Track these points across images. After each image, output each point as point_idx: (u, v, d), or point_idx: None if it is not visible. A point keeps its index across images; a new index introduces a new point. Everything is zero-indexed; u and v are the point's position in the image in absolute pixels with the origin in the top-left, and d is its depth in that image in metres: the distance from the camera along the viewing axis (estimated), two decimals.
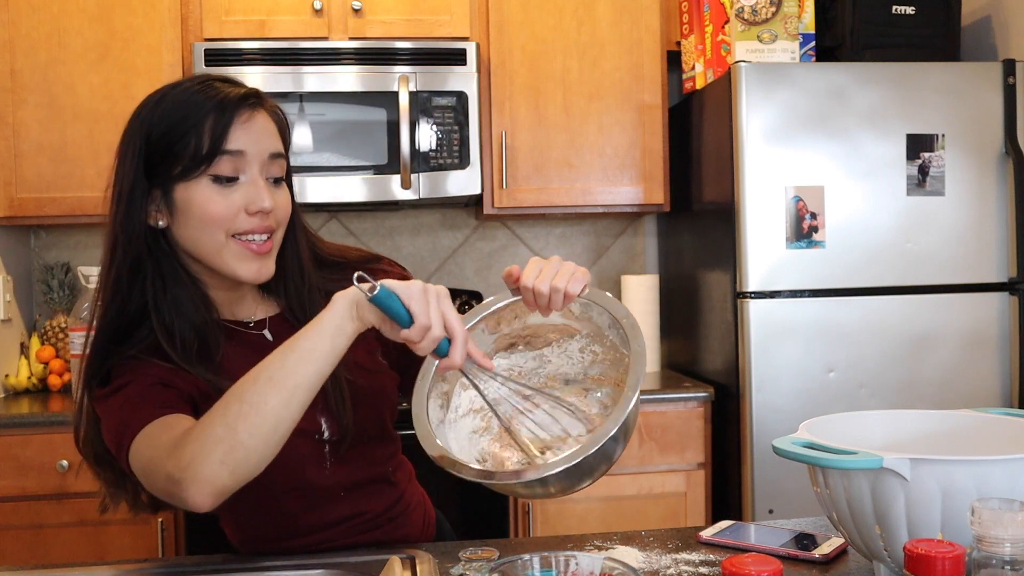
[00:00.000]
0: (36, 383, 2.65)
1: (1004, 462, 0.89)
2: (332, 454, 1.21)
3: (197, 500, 0.97)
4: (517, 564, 0.82)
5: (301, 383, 0.97)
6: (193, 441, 0.97)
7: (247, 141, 1.11)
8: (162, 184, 1.11)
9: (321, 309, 1.09)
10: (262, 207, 1.11)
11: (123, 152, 1.14)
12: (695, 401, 2.46)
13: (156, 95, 1.14)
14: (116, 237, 1.11)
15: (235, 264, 1.12)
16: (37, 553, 2.25)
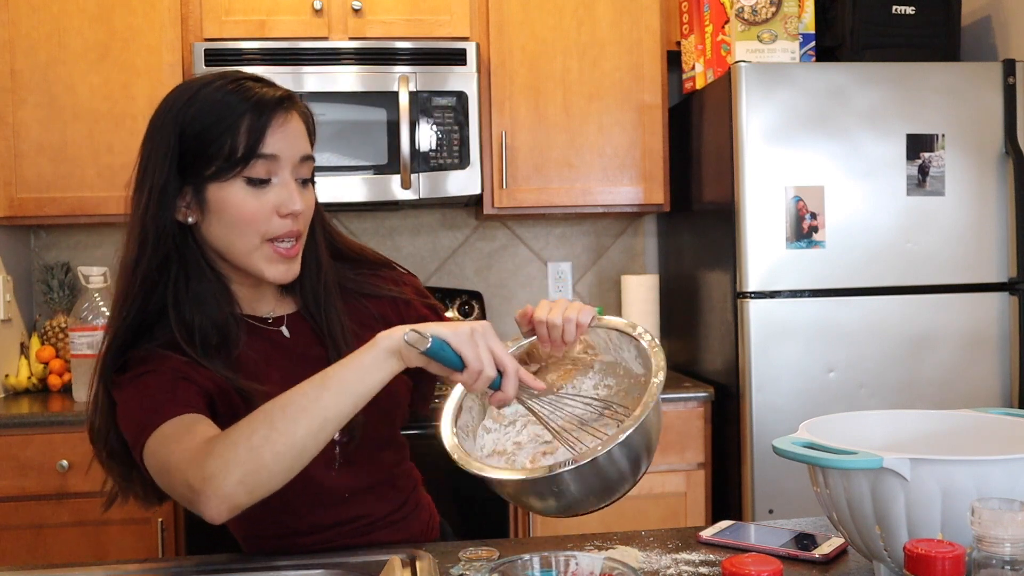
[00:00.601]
0: (36, 383, 2.65)
1: (1004, 462, 0.89)
2: (342, 457, 1.22)
3: (213, 514, 0.98)
4: (517, 564, 0.82)
5: (332, 417, 0.99)
6: (217, 457, 0.97)
7: (282, 145, 1.12)
8: (194, 182, 1.11)
9: (335, 307, 1.14)
10: (293, 209, 1.12)
11: (153, 148, 1.12)
12: (695, 401, 2.46)
13: (187, 92, 1.12)
14: (145, 232, 1.12)
15: (264, 266, 1.14)
16: (37, 553, 2.25)
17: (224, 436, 1.00)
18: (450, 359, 0.97)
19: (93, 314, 2.47)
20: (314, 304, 1.23)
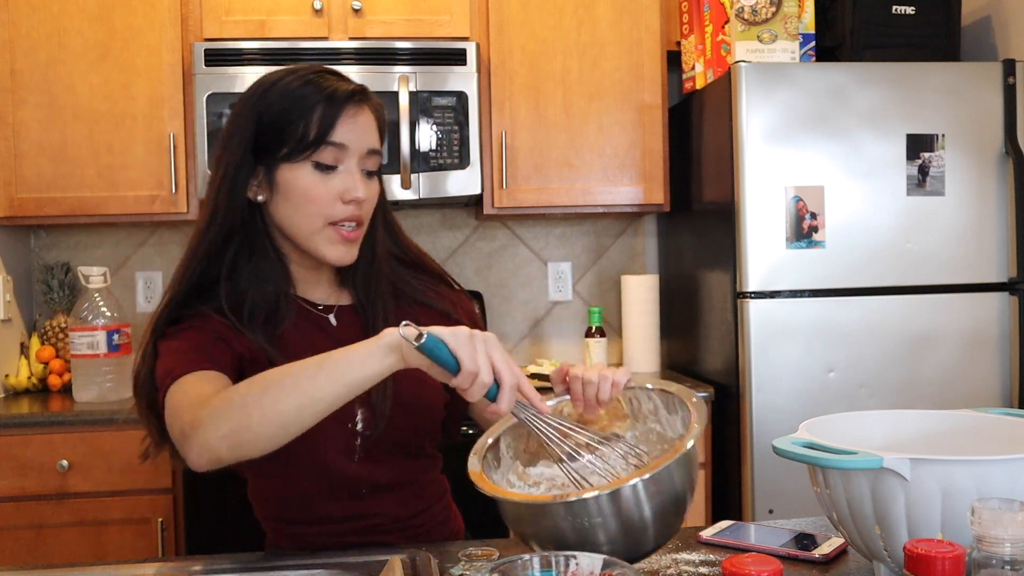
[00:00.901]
0: (36, 383, 2.65)
1: (1004, 462, 0.89)
2: (363, 449, 1.23)
3: (194, 460, 1.03)
4: (517, 564, 0.82)
5: (322, 398, 1.00)
6: (211, 409, 1.02)
7: (350, 136, 1.17)
8: (267, 163, 1.18)
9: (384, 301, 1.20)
10: (356, 196, 1.17)
11: (233, 130, 1.19)
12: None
13: (270, 80, 1.20)
14: (217, 205, 1.18)
15: (325, 246, 1.19)
16: (37, 553, 2.25)
17: (224, 392, 1.05)
18: (445, 359, 0.96)
19: (93, 314, 2.47)
20: (364, 295, 1.27)
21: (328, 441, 1.20)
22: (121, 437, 2.28)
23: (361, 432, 1.22)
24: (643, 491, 0.93)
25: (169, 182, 2.54)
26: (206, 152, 2.48)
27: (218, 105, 2.48)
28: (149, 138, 2.54)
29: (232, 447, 1.01)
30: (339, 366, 0.99)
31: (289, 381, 1.01)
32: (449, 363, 0.96)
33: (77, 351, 2.45)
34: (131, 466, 2.28)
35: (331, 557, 1.15)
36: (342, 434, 1.21)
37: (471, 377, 0.96)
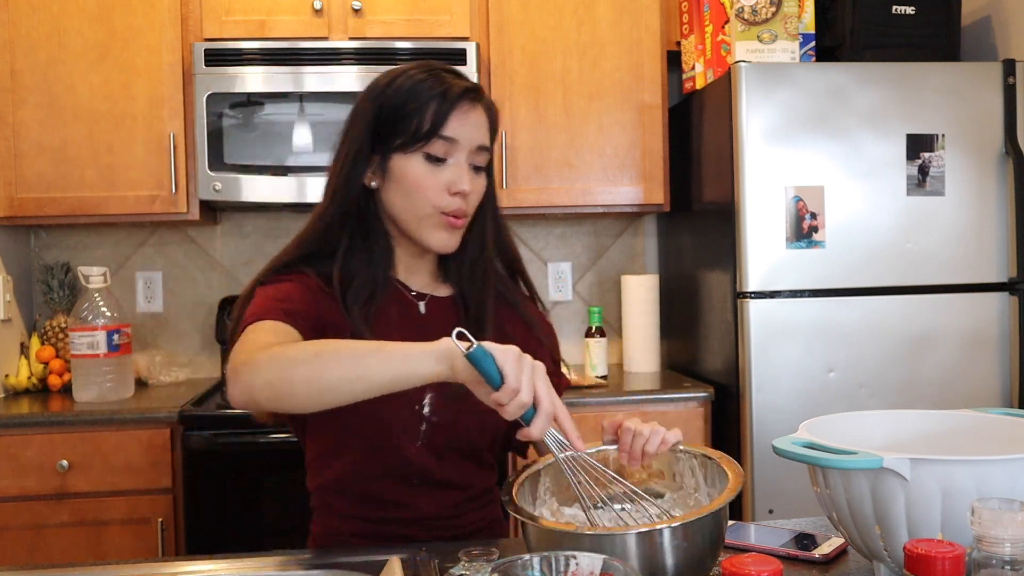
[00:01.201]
0: (36, 383, 2.65)
1: (1004, 462, 0.89)
2: (426, 436, 1.25)
3: (235, 397, 1.07)
4: (517, 564, 0.82)
5: (366, 378, 1.02)
6: (267, 355, 1.06)
7: (461, 131, 1.24)
8: (382, 152, 1.24)
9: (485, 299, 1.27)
10: (462, 188, 1.23)
11: (354, 118, 1.27)
12: (695, 401, 2.46)
13: (393, 73, 1.27)
14: (335, 190, 1.26)
15: (429, 232, 1.25)
16: (37, 553, 2.25)
17: (285, 345, 1.09)
18: (490, 372, 0.97)
19: (93, 314, 2.47)
20: (468, 286, 1.31)
21: (395, 419, 1.24)
22: (121, 437, 2.28)
23: (427, 417, 1.25)
24: (669, 538, 0.93)
25: (169, 182, 2.54)
26: (206, 152, 2.48)
27: (218, 105, 2.48)
28: (149, 138, 2.54)
29: (270, 397, 1.05)
30: (392, 358, 1.02)
31: (343, 355, 1.04)
32: (493, 376, 0.97)
33: (77, 351, 2.45)
34: (131, 466, 2.28)
35: (331, 557, 1.16)
36: (409, 415, 1.25)
37: (511, 394, 0.97)
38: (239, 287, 2.95)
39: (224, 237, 2.96)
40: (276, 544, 2.25)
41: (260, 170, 2.50)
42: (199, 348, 2.95)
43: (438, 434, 1.26)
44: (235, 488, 2.26)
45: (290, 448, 2.26)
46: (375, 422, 1.23)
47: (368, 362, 1.02)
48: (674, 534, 0.93)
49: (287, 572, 1.13)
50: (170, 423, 2.29)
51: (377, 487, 1.27)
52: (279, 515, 2.26)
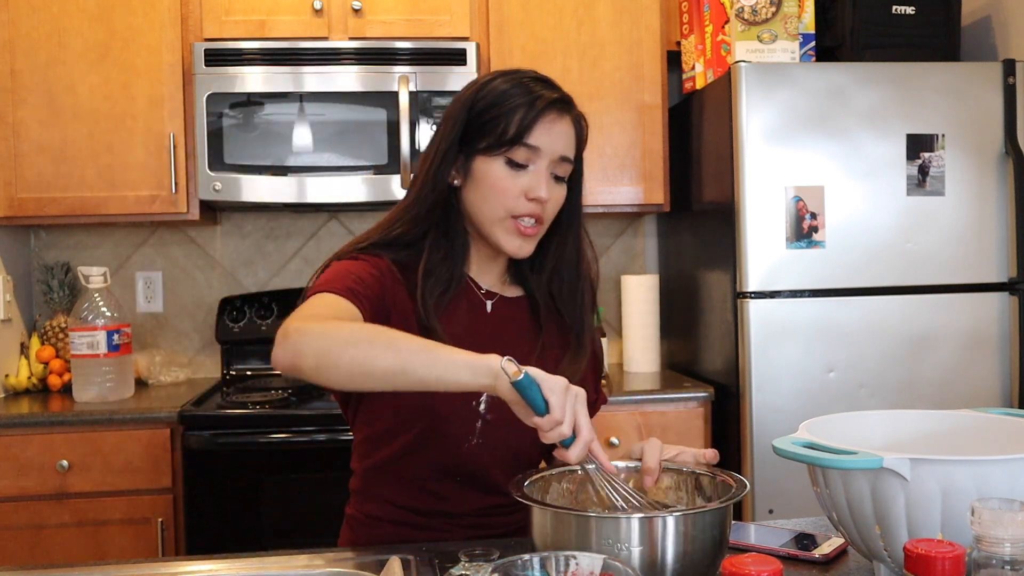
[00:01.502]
0: (36, 383, 2.65)
1: (1004, 462, 0.89)
2: (481, 434, 1.27)
3: (278, 356, 1.10)
4: (517, 564, 0.82)
5: (408, 372, 1.04)
6: (322, 325, 1.09)
7: (545, 140, 1.25)
8: (467, 152, 1.27)
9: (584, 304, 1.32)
10: (539, 195, 1.24)
11: (448, 116, 1.29)
12: (695, 401, 2.46)
13: (488, 76, 1.29)
14: (423, 184, 1.29)
15: (503, 237, 1.27)
16: (37, 553, 2.25)
17: (342, 322, 1.11)
18: (535, 400, 0.99)
19: (93, 314, 2.47)
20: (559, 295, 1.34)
21: (451, 413, 1.25)
22: (121, 437, 2.28)
23: (483, 414, 1.26)
24: (672, 527, 0.94)
25: (169, 182, 2.54)
26: (206, 152, 2.48)
27: (218, 105, 2.48)
28: (149, 138, 2.54)
29: (314, 367, 1.07)
30: (439, 360, 1.04)
31: (393, 347, 1.06)
32: (538, 405, 0.99)
33: (77, 351, 2.45)
34: (131, 466, 2.28)
35: (331, 557, 1.16)
36: (466, 411, 1.26)
37: (554, 424, 1.00)
38: (239, 287, 2.95)
39: (224, 237, 2.96)
40: (276, 544, 2.25)
41: (260, 170, 2.50)
42: (199, 348, 2.95)
43: (492, 432, 1.27)
44: (235, 488, 2.26)
45: (290, 448, 2.27)
46: (431, 414, 1.24)
47: (415, 359, 1.04)
48: (677, 523, 0.94)
49: (287, 572, 1.13)
50: (170, 423, 2.29)
51: (422, 477, 1.29)
52: (279, 515, 2.26)
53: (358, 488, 1.36)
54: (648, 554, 0.93)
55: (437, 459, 1.28)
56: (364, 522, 1.33)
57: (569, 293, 1.35)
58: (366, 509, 1.34)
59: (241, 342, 2.82)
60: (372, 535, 1.31)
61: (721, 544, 0.99)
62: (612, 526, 0.94)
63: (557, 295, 1.35)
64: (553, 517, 0.99)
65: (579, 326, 1.35)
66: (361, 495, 1.35)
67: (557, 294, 1.35)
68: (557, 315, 1.36)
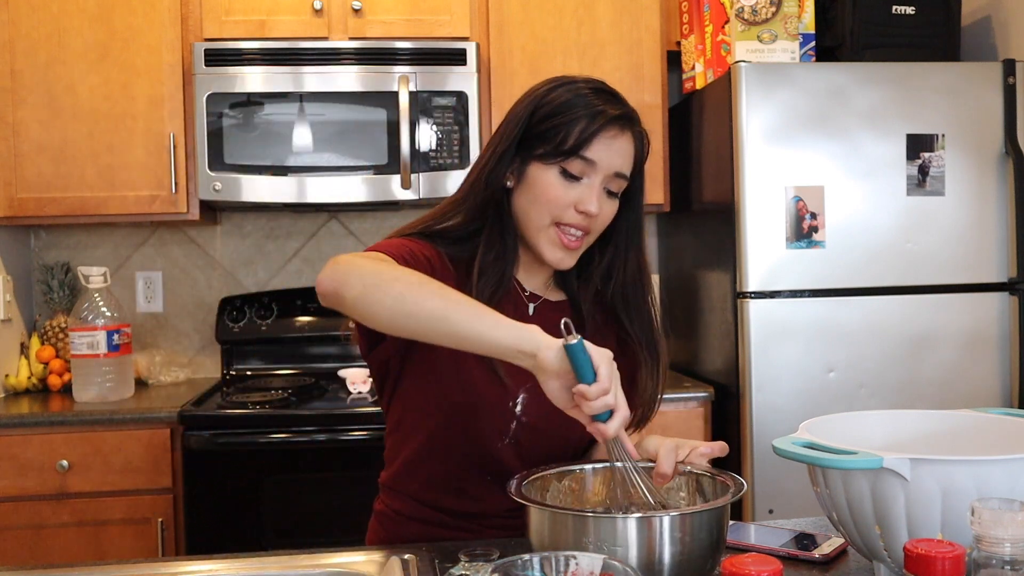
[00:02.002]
0: (36, 383, 2.65)
1: (1004, 462, 0.89)
2: (515, 435, 1.27)
3: (323, 280, 1.11)
4: (517, 564, 0.82)
5: (449, 322, 1.04)
6: (376, 263, 1.12)
7: (603, 155, 1.23)
8: (523, 155, 1.26)
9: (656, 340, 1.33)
10: (588, 209, 1.23)
11: (511, 117, 1.29)
12: (695, 401, 2.46)
13: (556, 82, 1.30)
14: (475, 181, 1.29)
15: (545, 246, 1.26)
16: (37, 553, 2.25)
17: (395, 265, 1.13)
18: (585, 367, 0.99)
19: (93, 314, 2.47)
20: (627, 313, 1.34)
21: (487, 413, 1.25)
22: (121, 437, 2.28)
23: (518, 416, 1.26)
24: (668, 527, 0.94)
25: (169, 182, 2.54)
26: (206, 152, 2.48)
27: (218, 105, 2.48)
28: (149, 138, 2.54)
29: (358, 296, 1.08)
30: (482, 319, 1.04)
31: (444, 293, 1.07)
32: (587, 371, 0.99)
33: (77, 351, 2.45)
34: (131, 466, 2.28)
35: (332, 557, 1.16)
36: (502, 411, 1.26)
37: (601, 392, 0.99)
38: (239, 287, 2.95)
39: (224, 237, 2.96)
40: (276, 544, 2.25)
41: (260, 170, 2.50)
42: (199, 348, 2.95)
43: (526, 434, 1.27)
44: (235, 488, 2.26)
45: (290, 448, 2.27)
46: (466, 408, 1.24)
47: (461, 309, 1.05)
48: (673, 524, 0.94)
49: (287, 572, 1.13)
50: (170, 423, 2.29)
51: (455, 476, 1.28)
52: (279, 515, 2.27)
53: (388, 483, 1.36)
54: (645, 554, 0.94)
55: (469, 456, 1.27)
56: (393, 518, 1.33)
57: (637, 311, 1.34)
58: (396, 506, 1.33)
59: (241, 342, 2.82)
60: (401, 532, 1.31)
61: (718, 544, 0.99)
62: (609, 526, 0.94)
63: (623, 314, 1.34)
64: (550, 517, 0.99)
65: (651, 342, 1.34)
66: (391, 490, 1.35)
67: (623, 313, 1.34)
68: (617, 328, 1.36)
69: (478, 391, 1.23)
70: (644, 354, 1.34)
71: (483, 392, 1.22)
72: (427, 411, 1.28)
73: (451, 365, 1.24)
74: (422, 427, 1.29)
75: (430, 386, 1.26)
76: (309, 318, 2.84)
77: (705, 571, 0.98)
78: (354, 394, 2.50)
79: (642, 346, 1.35)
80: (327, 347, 2.85)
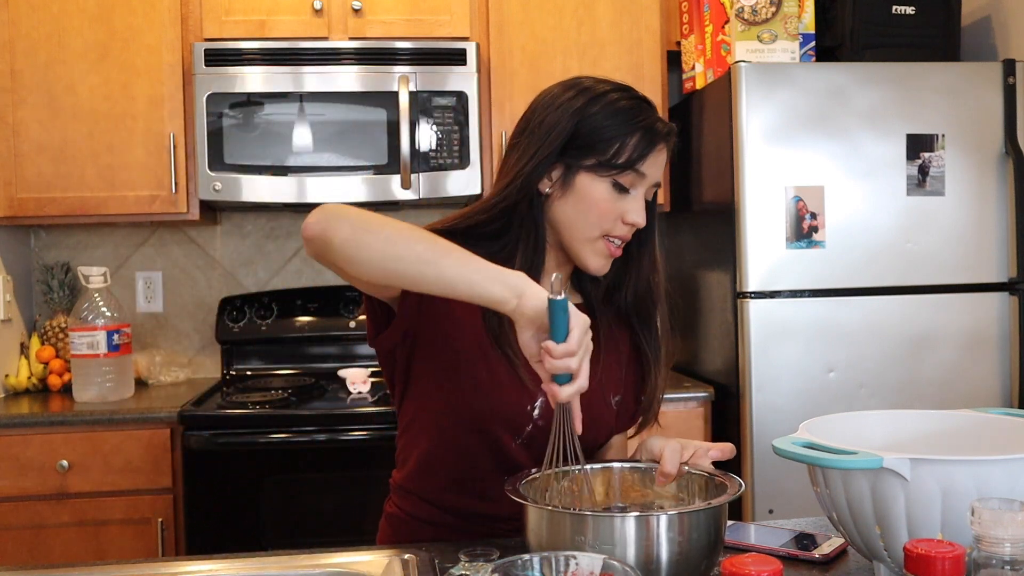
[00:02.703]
0: (36, 383, 2.65)
1: (1004, 462, 0.89)
2: (529, 436, 1.26)
3: (308, 222, 1.11)
4: (517, 564, 0.82)
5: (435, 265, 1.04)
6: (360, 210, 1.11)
7: (652, 169, 1.26)
8: (568, 163, 1.25)
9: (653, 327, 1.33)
10: (635, 221, 1.27)
11: (550, 123, 1.26)
12: (695, 401, 2.46)
13: (597, 90, 1.26)
14: (509, 185, 1.26)
15: (591, 256, 1.27)
16: (37, 553, 2.25)
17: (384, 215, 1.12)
18: (561, 326, 0.99)
19: (93, 314, 2.47)
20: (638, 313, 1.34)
21: (504, 412, 1.25)
22: (121, 437, 2.28)
23: (535, 420, 1.26)
24: (666, 527, 0.94)
25: (169, 182, 2.54)
26: (206, 152, 2.48)
27: (218, 105, 2.48)
28: (149, 138, 2.54)
29: (346, 239, 1.07)
30: (468, 265, 1.04)
31: (433, 239, 1.07)
32: (561, 329, 0.99)
33: (77, 351, 2.45)
34: (131, 466, 2.28)
35: (332, 557, 1.16)
36: (519, 413, 1.26)
37: (566, 354, 0.99)
38: (239, 287, 2.95)
39: (224, 237, 2.96)
40: (276, 544, 2.25)
41: (260, 170, 2.50)
42: (199, 348, 2.95)
43: (541, 437, 1.26)
44: (235, 488, 2.26)
45: (290, 448, 2.27)
46: (485, 410, 1.24)
47: (450, 255, 1.05)
48: (671, 523, 0.94)
49: (287, 572, 1.13)
50: (170, 423, 2.29)
51: (470, 473, 1.28)
52: (279, 515, 2.27)
53: (401, 484, 1.35)
54: (643, 554, 0.94)
55: (482, 456, 1.27)
56: (407, 521, 1.33)
57: (648, 315, 1.35)
58: (408, 508, 1.33)
59: (241, 342, 2.82)
60: (413, 537, 1.30)
61: (715, 544, 0.99)
62: (607, 525, 0.94)
63: (634, 315, 1.35)
64: (547, 516, 0.99)
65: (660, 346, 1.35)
66: (404, 492, 1.34)
67: (634, 314, 1.35)
68: (629, 332, 1.36)
69: (497, 393, 1.23)
70: (652, 356, 1.35)
71: (502, 395, 1.22)
72: (442, 411, 1.27)
73: (471, 367, 1.24)
74: (435, 427, 1.28)
75: (446, 387, 1.25)
76: (309, 318, 2.84)
77: (702, 571, 0.98)
78: (354, 394, 2.50)
79: (651, 348, 1.35)
80: (327, 347, 2.85)
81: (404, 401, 1.33)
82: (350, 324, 2.83)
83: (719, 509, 0.99)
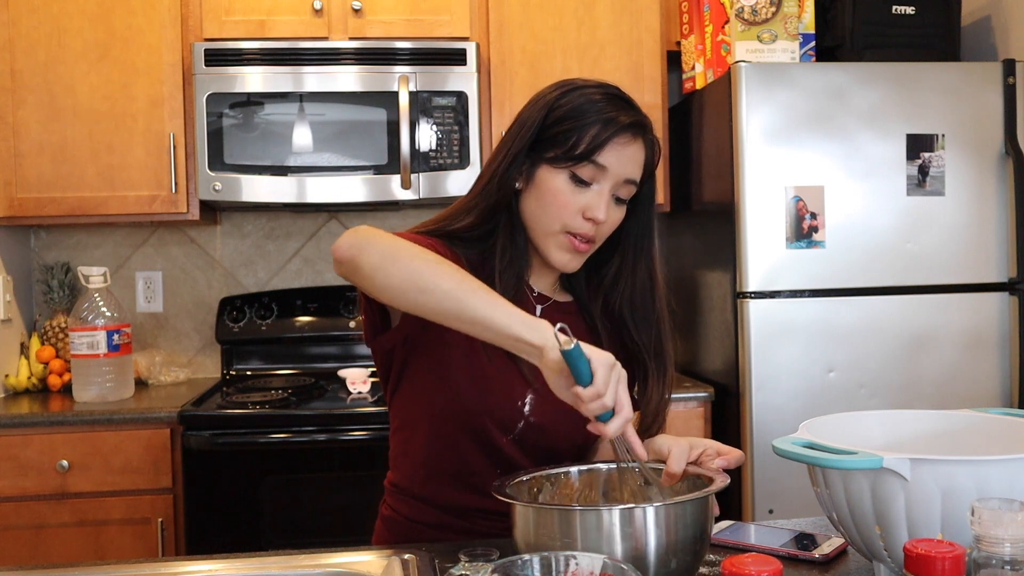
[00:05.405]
0: (36, 383, 2.65)
1: (1004, 462, 0.89)
2: (521, 432, 1.26)
3: (340, 244, 1.12)
4: (517, 564, 0.82)
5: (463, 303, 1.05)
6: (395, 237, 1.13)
7: (614, 161, 1.24)
8: (533, 157, 1.26)
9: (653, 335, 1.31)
10: (596, 216, 1.24)
11: (523, 119, 1.28)
12: (695, 401, 2.46)
13: (569, 85, 1.27)
14: (487, 183, 1.28)
15: (553, 250, 1.26)
16: (37, 553, 2.25)
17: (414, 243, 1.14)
18: (582, 371, 0.99)
19: (93, 314, 2.47)
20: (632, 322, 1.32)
21: (494, 408, 1.25)
22: (121, 437, 2.28)
23: (526, 416, 1.26)
24: (653, 518, 0.94)
25: (169, 182, 2.54)
26: (206, 152, 2.48)
27: (218, 105, 2.48)
28: (149, 138, 2.54)
29: (375, 265, 1.08)
30: (496, 306, 1.04)
31: (462, 275, 1.07)
32: (584, 375, 1.00)
33: (77, 351, 2.45)
34: (131, 466, 2.28)
35: (332, 557, 1.16)
36: (509, 409, 1.26)
37: (596, 395, 0.99)
38: (239, 287, 2.95)
39: (224, 237, 2.96)
40: (276, 544, 2.25)
41: (260, 170, 2.50)
42: (199, 348, 2.95)
43: (533, 433, 1.27)
44: (235, 488, 2.26)
45: (290, 448, 2.27)
46: (476, 406, 1.24)
47: (477, 294, 1.05)
48: (657, 514, 0.94)
49: (287, 572, 1.13)
50: (170, 423, 2.29)
51: (464, 469, 1.27)
52: (279, 515, 2.27)
53: (397, 484, 1.34)
54: (632, 547, 0.94)
55: (476, 447, 1.26)
56: (403, 523, 1.32)
57: (644, 319, 1.33)
58: (404, 511, 1.32)
59: (241, 342, 2.82)
60: (408, 537, 1.30)
61: (702, 537, 0.99)
62: (593, 519, 0.94)
63: (630, 321, 1.33)
64: (534, 514, 0.99)
65: (660, 354, 1.32)
66: (400, 493, 1.34)
67: (630, 320, 1.33)
68: (624, 335, 1.35)
69: (488, 389, 1.23)
70: (652, 363, 1.33)
71: (493, 390, 1.22)
72: (433, 408, 1.27)
73: (462, 362, 1.24)
74: (426, 424, 1.28)
75: (437, 383, 1.25)
76: (309, 318, 2.84)
77: (689, 564, 0.98)
78: (354, 394, 2.50)
79: (650, 355, 1.33)
80: (327, 347, 2.85)
81: (395, 399, 1.33)
82: (350, 324, 2.83)
83: (703, 501, 0.98)
